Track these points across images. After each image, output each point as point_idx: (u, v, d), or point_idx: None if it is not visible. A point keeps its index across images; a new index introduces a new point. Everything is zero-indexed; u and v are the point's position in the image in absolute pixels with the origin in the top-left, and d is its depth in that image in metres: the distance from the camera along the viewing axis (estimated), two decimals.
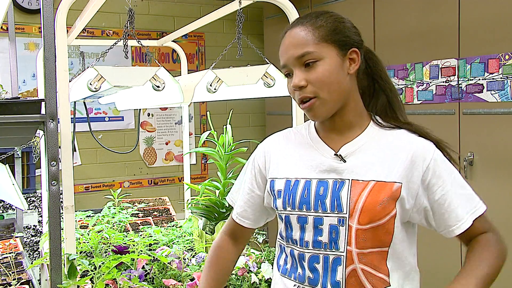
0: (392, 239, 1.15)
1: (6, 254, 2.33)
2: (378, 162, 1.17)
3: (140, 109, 3.23)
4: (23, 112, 1.56)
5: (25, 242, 3.28)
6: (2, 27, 3.41)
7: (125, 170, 4.43)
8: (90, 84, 1.63)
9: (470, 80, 2.89)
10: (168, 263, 1.86)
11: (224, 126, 2.26)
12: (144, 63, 4.43)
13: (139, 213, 2.65)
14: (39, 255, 3.43)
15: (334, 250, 1.17)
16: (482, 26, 2.82)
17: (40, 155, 2.88)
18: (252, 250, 2.13)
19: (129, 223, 2.40)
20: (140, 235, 2.09)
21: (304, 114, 1.28)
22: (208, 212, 2.18)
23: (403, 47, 3.27)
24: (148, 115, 4.52)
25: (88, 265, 1.62)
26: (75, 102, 2.88)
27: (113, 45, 1.85)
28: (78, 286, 1.60)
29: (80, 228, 2.24)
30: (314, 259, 1.20)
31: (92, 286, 1.66)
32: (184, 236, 2.19)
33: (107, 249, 1.90)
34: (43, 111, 1.54)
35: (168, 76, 1.77)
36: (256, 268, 1.88)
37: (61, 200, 1.53)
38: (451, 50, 2.98)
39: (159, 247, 2.01)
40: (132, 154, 4.00)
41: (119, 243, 1.91)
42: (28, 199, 3.49)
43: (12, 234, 2.78)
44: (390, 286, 1.17)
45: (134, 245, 1.90)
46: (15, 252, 2.37)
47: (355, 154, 1.20)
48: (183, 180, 3.04)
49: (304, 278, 1.21)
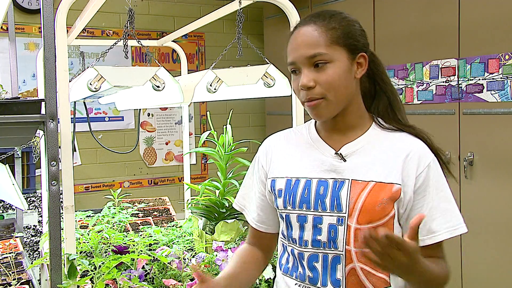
0: None
1: (6, 254, 2.33)
2: (379, 163, 1.17)
3: (140, 109, 3.22)
4: (23, 112, 1.55)
5: (25, 242, 3.28)
6: (2, 27, 3.42)
7: (125, 170, 4.44)
8: (90, 84, 1.63)
9: (470, 80, 2.89)
10: (168, 263, 1.86)
11: (224, 126, 2.26)
12: (144, 63, 4.43)
13: (139, 213, 2.65)
14: (39, 255, 3.43)
15: (333, 249, 1.17)
16: (482, 26, 2.82)
17: (40, 155, 2.88)
18: None
19: (129, 223, 2.39)
20: (140, 235, 2.09)
21: (304, 114, 1.28)
22: (208, 212, 2.18)
23: (403, 47, 3.27)
24: (148, 115, 4.52)
25: (88, 265, 1.62)
26: (75, 102, 2.88)
27: (113, 45, 1.85)
28: (78, 286, 1.60)
29: (80, 228, 2.24)
30: (313, 258, 1.20)
31: (92, 286, 1.66)
32: (184, 236, 2.19)
33: (107, 249, 1.90)
34: (43, 111, 1.54)
35: (168, 76, 1.77)
36: None
37: (61, 200, 1.52)
38: (451, 50, 2.98)
39: (159, 247, 2.00)
40: (132, 154, 4.00)
41: (119, 243, 1.90)
42: (28, 199, 3.49)
43: (12, 234, 2.78)
44: (391, 286, 1.17)
45: (134, 245, 1.90)
46: (15, 252, 2.36)
47: (356, 154, 1.20)
48: (183, 180, 3.04)
49: (304, 277, 1.22)
